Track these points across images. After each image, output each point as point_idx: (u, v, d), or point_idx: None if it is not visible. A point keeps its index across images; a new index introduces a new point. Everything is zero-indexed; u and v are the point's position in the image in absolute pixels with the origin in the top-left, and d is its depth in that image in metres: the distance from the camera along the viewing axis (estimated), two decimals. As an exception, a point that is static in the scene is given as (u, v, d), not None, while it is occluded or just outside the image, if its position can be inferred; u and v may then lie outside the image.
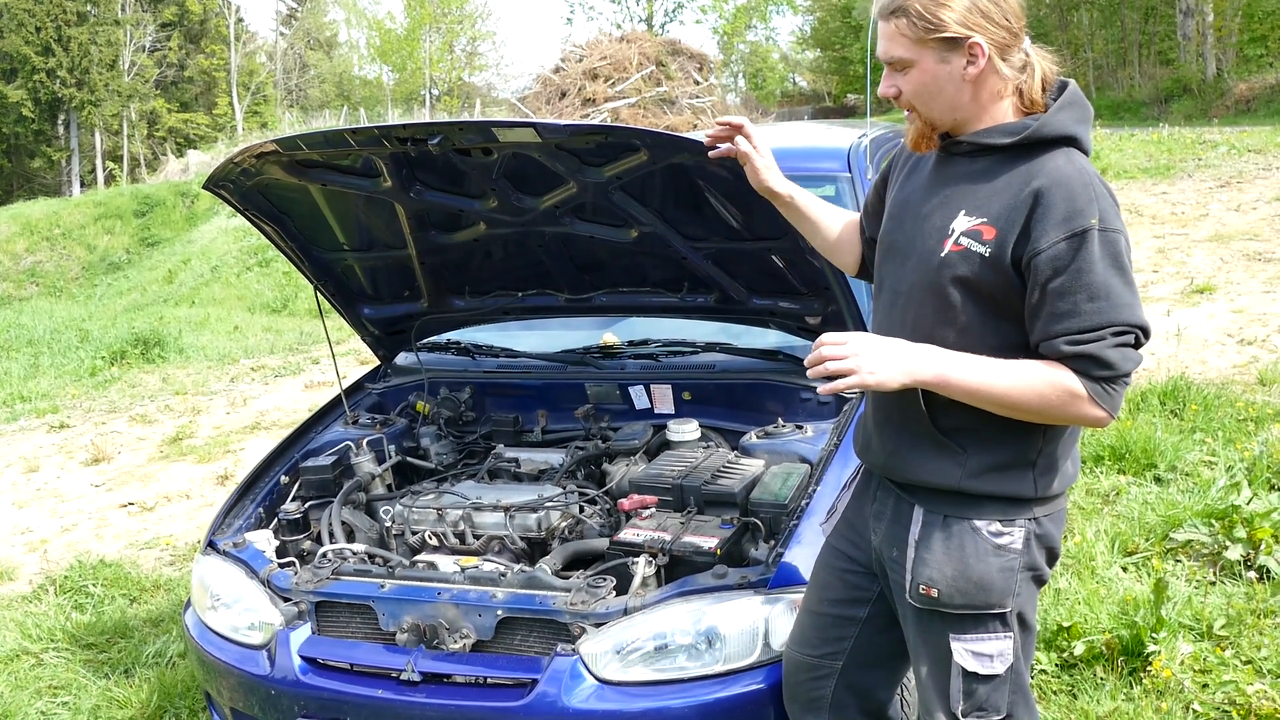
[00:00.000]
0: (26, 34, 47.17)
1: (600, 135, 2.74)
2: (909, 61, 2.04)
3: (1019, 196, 1.98)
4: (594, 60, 36.00)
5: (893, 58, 2.06)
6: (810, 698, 2.42)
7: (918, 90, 2.06)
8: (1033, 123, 2.03)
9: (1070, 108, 2.06)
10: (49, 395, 10.17)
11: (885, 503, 2.27)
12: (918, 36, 2.01)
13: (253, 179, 3.16)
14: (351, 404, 3.82)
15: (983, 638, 2.13)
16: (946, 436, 2.11)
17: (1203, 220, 11.65)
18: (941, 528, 2.14)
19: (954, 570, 2.11)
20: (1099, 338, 1.92)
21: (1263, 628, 3.58)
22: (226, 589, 3.00)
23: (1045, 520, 2.14)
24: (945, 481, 2.12)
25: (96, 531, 5.96)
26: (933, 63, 2.03)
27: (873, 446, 2.28)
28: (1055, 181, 1.96)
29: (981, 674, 2.14)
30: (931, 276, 2.07)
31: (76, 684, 4.05)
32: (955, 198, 2.08)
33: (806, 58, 70.62)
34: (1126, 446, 5.06)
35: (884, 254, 2.25)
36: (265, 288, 19.53)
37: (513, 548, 2.97)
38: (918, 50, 2.03)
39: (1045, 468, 2.11)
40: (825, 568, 2.44)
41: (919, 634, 2.21)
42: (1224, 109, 27.87)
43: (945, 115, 2.09)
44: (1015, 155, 2.04)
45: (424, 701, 2.60)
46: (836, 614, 2.38)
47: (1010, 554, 2.10)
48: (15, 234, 31.83)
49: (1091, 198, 1.94)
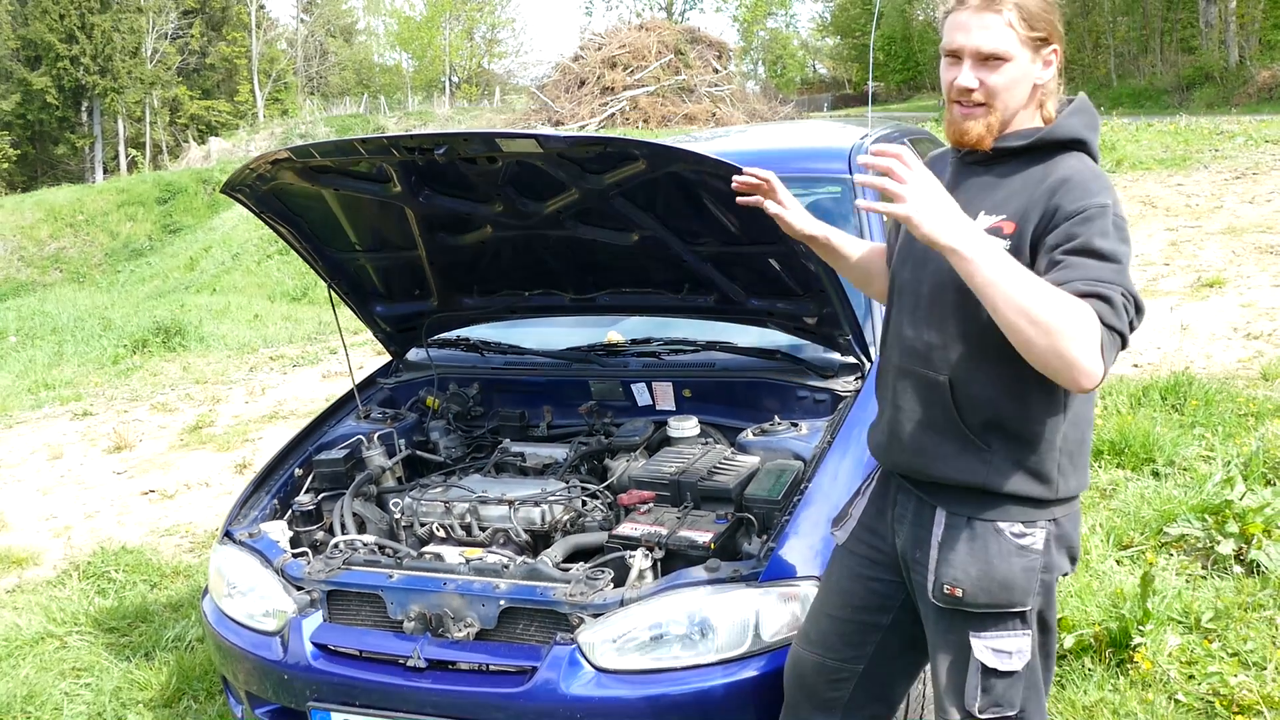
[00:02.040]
0: (51, 21, 47.50)
1: (600, 145, 2.83)
2: (1007, 56, 2.06)
3: (1037, 191, 2.06)
4: (613, 48, 36.06)
5: (991, 50, 2.06)
6: (826, 699, 2.47)
7: (1008, 86, 2.08)
8: (1044, 126, 2.13)
9: (1080, 114, 2.15)
10: (72, 383, 10.34)
11: (906, 506, 2.33)
12: (1024, 32, 2.05)
13: (268, 184, 3.27)
14: (364, 399, 3.93)
15: (1003, 635, 2.19)
16: (973, 433, 2.17)
17: (1217, 212, 11.65)
18: (965, 529, 2.19)
19: (979, 570, 2.17)
20: (1113, 288, 1.92)
21: (1249, 621, 3.66)
22: (242, 577, 3.11)
23: (1064, 521, 2.21)
24: (971, 479, 2.17)
25: (118, 518, 6.10)
26: (1026, 61, 2.08)
27: (895, 447, 2.32)
28: (1071, 173, 2.05)
29: (1000, 670, 2.20)
30: (955, 276, 2.07)
31: (99, 666, 4.18)
32: (974, 200, 2.14)
33: (827, 45, 70.36)
34: (1126, 441, 5.12)
35: (901, 260, 2.32)
36: (285, 275, 19.67)
37: (516, 540, 3.06)
38: (1018, 46, 2.06)
39: (1067, 469, 2.17)
40: (847, 574, 2.47)
41: (939, 632, 2.27)
42: (1246, 97, 27.69)
43: (1013, 113, 2.12)
44: (1030, 159, 2.12)
45: (429, 687, 2.71)
46: (861, 620, 2.43)
47: (1033, 554, 2.17)
48: (39, 220, 32.14)
49: (1104, 187, 2.04)
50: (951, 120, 2.16)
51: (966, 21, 2.08)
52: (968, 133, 2.13)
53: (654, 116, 33.39)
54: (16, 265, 30.28)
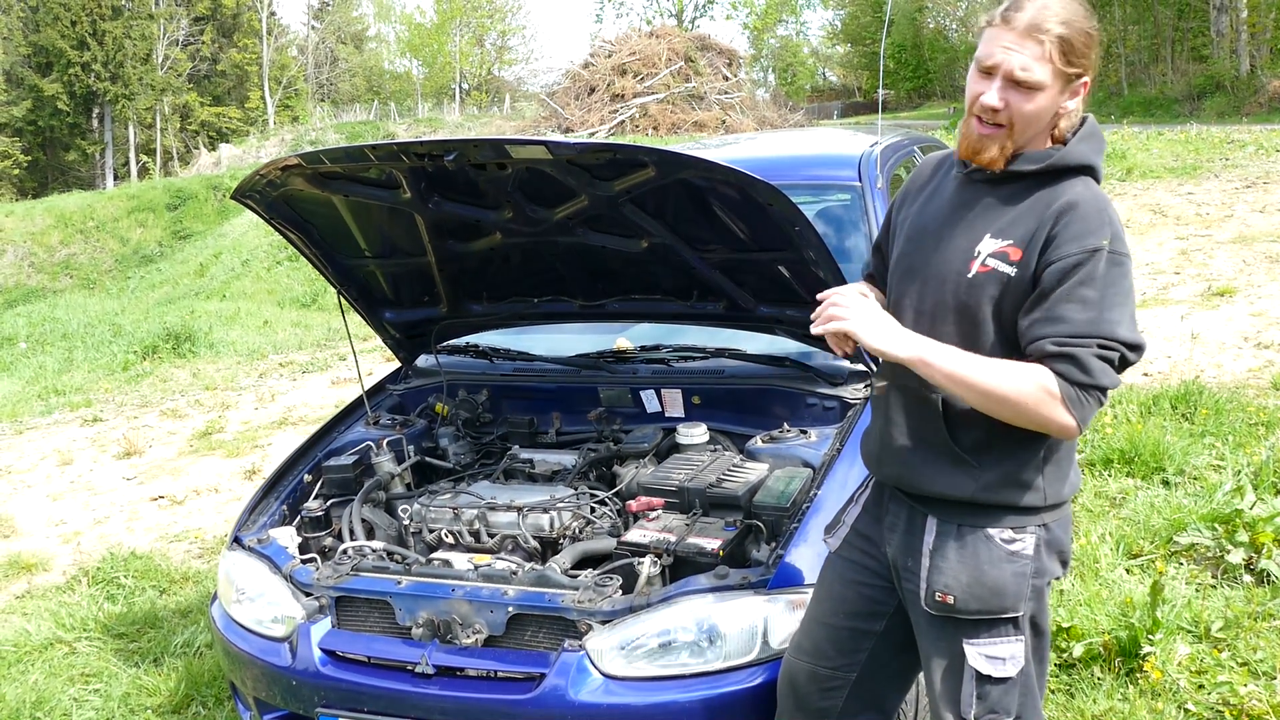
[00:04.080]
0: (62, 28, 47.74)
1: (609, 152, 2.84)
2: (1040, 86, 2.06)
3: (1042, 218, 2.07)
4: (623, 56, 36.14)
5: (1026, 78, 2.05)
6: (818, 708, 2.47)
7: (1035, 113, 2.08)
8: (1055, 152, 2.12)
9: (1089, 139, 2.15)
10: (82, 389, 10.36)
11: (898, 514, 2.34)
12: (1061, 65, 2.05)
13: (278, 190, 3.27)
14: (373, 405, 3.94)
15: (995, 641, 2.21)
16: (963, 450, 2.18)
17: (1227, 221, 11.62)
18: (955, 537, 2.21)
19: (969, 577, 2.18)
20: (1083, 344, 2.00)
21: (1260, 630, 3.65)
22: (251, 583, 3.12)
23: (1054, 526, 2.22)
24: (959, 493, 2.19)
25: (128, 524, 6.11)
26: (1057, 92, 2.08)
27: (886, 459, 2.34)
28: (1075, 204, 2.06)
29: (994, 677, 2.21)
30: (960, 297, 2.15)
31: (108, 672, 4.19)
32: (980, 221, 2.16)
33: (837, 52, 70.43)
34: (1136, 450, 5.11)
35: (902, 276, 2.32)
36: (295, 282, 19.70)
37: (525, 546, 3.06)
38: (1053, 76, 2.06)
39: (1053, 476, 2.19)
40: (840, 581, 2.48)
41: (932, 640, 2.28)
42: (1257, 106, 27.67)
43: (1028, 140, 2.13)
44: (1038, 182, 2.13)
45: (438, 693, 2.71)
46: (853, 627, 2.44)
47: (1023, 559, 2.18)
48: (50, 226, 32.24)
49: (1105, 222, 2.05)
50: (968, 135, 2.15)
51: (1008, 42, 2.06)
52: (982, 152, 2.13)
53: (664, 124, 33.45)
54: (27, 271, 30.39)
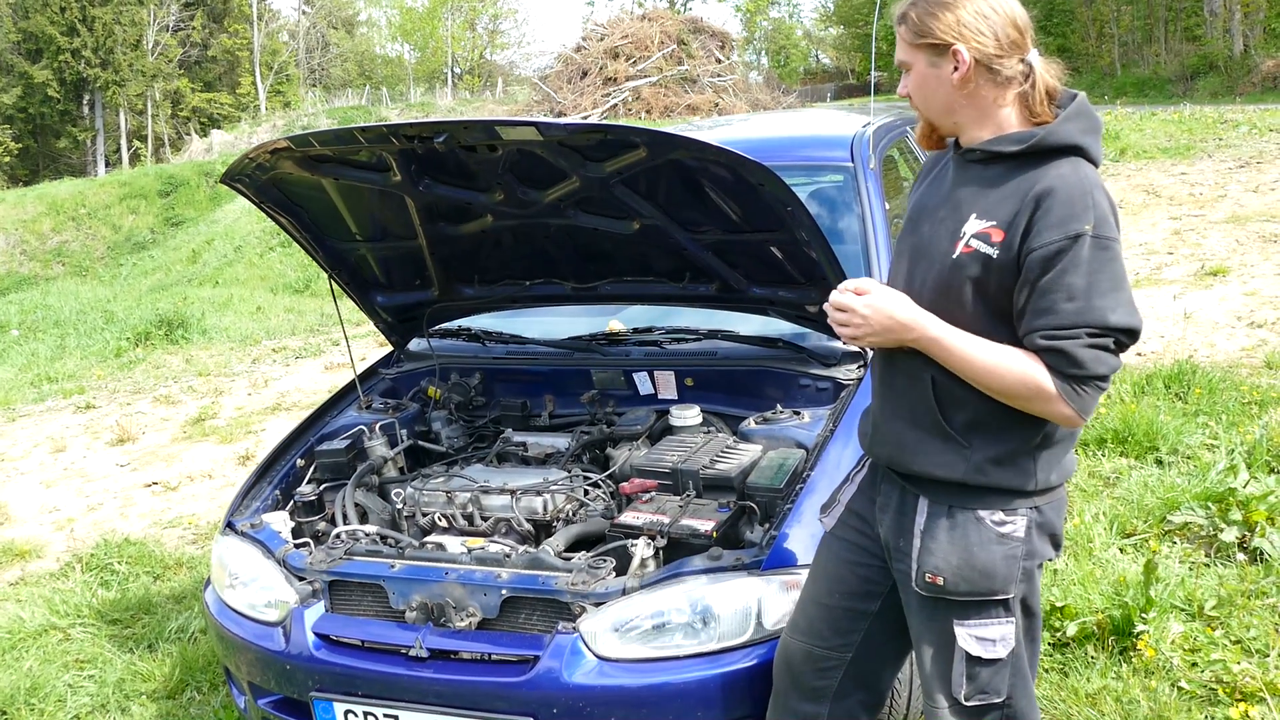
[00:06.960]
0: (51, 14, 47.53)
1: (600, 133, 2.82)
2: (907, 64, 2.22)
3: (1024, 200, 2.07)
4: (615, 39, 35.98)
5: (898, 60, 2.24)
6: (813, 687, 2.48)
7: (915, 91, 2.23)
8: (1039, 132, 2.12)
9: (1078, 118, 2.14)
10: (75, 376, 10.35)
11: (890, 495, 2.35)
12: (912, 41, 2.18)
13: (268, 173, 3.25)
14: (365, 389, 3.93)
15: (986, 623, 2.21)
16: (954, 430, 2.19)
17: (1220, 201, 11.62)
18: (946, 518, 2.21)
19: (959, 559, 2.18)
20: (1073, 335, 2.00)
21: (1252, 608, 3.66)
22: (244, 568, 3.11)
23: (1046, 508, 2.22)
24: (950, 474, 2.19)
25: (121, 510, 6.11)
26: (924, 66, 2.19)
27: (878, 438, 2.35)
28: (1056, 187, 2.05)
29: (985, 658, 2.22)
30: (945, 277, 2.16)
31: (102, 658, 4.19)
32: (967, 202, 2.17)
33: (830, 34, 70.23)
34: (1129, 429, 5.12)
35: (900, 254, 2.34)
36: (288, 268, 19.65)
37: (519, 529, 3.06)
38: (913, 54, 2.20)
39: (1046, 461, 2.19)
40: (835, 560, 2.48)
41: (923, 621, 2.29)
42: (1250, 86, 27.67)
43: (941, 117, 2.24)
44: (1024, 163, 2.13)
45: (432, 676, 2.71)
46: (848, 606, 2.44)
47: (1013, 542, 2.18)
48: (42, 214, 32.13)
49: (1088, 205, 2.03)
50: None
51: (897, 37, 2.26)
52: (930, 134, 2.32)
53: (656, 107, 33.32)
54: (19, 259, 30.29)
